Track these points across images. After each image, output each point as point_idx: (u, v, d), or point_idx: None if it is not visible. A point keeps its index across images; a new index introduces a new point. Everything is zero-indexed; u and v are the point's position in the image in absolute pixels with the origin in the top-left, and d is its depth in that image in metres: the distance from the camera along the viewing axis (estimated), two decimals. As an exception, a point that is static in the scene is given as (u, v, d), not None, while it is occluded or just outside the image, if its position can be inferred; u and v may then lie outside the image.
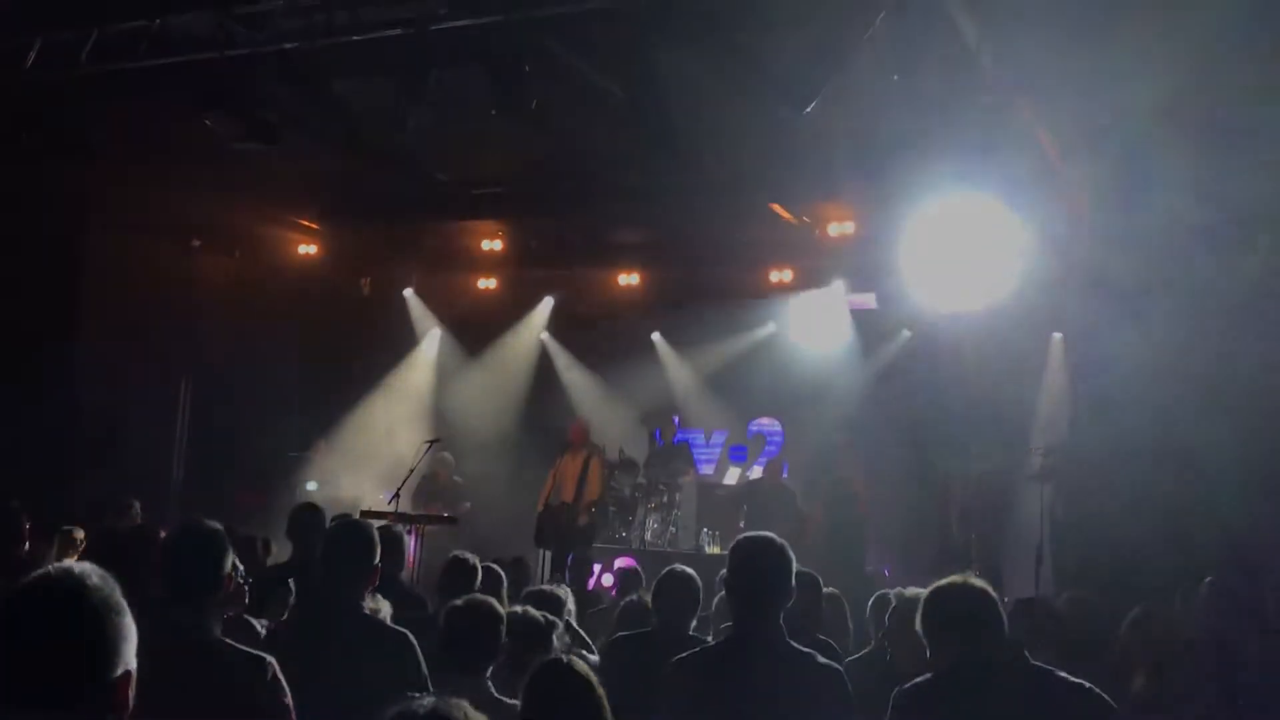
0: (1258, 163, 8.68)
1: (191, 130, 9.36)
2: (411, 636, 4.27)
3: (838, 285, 15.36)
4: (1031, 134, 10.65)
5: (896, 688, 3.76)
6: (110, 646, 2.11)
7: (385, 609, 4.87)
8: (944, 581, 3.83)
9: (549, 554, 12.90)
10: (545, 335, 17.31)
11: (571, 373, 17.07)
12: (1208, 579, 5.98)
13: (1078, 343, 9.87)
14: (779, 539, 4.06)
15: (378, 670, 4.12)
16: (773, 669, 3.82)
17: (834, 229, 13.84)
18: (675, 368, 16.72)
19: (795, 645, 3.89)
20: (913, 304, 15.02)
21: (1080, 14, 8.43)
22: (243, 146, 9.35)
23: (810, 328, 15.90)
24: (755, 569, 3.92)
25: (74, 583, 2.12)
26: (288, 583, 6.11)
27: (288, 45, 8.70)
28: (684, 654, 4.09)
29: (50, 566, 2.17)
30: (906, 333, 15.41)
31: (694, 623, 5.77)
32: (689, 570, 5.68)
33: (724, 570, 4.16)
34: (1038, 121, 10.37)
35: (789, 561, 3.94)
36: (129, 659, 2.14)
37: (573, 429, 13.08)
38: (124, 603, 2.14)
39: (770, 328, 16.16)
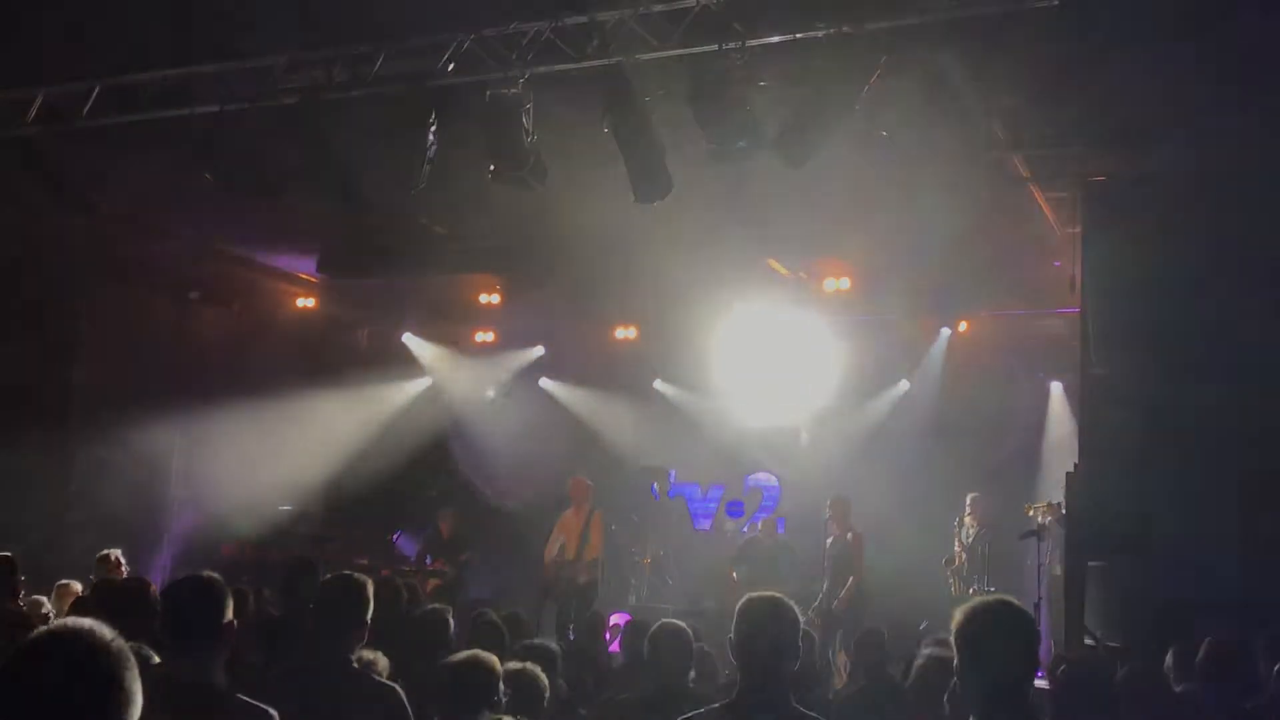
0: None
1: (191, 183, 9.42)
2: (400, 690, 4.26)
3: (834, 338, 15.44)
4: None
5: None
6: (127, 699, 2.10)
7: (383, 663, 4.85)
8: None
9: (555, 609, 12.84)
10: (544, 383, 17.31)
11: (568, 424, 17.04)
12: (1207, 638, 5.94)
13: (1081, 393, 9.87)
14: (786, 599, 4.00)
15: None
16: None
17: (829, 284, 13.92)
18: (672, 420, 16.71)
19: (799, 708, 3.86)
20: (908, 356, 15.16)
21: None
22: (242, 200, 9.40)
23: (806, 380, 15.94)
24: (763, 630, 3.86)
25: (91, 638, 2.12)
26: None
27: (288, 100, 8.78)
28: (690, 714, 4.05)
29: (63, 621, 2.16)
30: (905, 384, 15.44)
31: (692, 675, 5.72)
32: (681, 624, 5.63)
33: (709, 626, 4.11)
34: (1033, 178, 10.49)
35: (797, 622, 3.89)
36: (137, 713, 2.14)
37: (573, 486, 13.00)
38: (132, 657, 2.14)
39: (767, 381, 16.17)
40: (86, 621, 2.16)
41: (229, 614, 3.77)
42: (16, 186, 10.02)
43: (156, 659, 3.81)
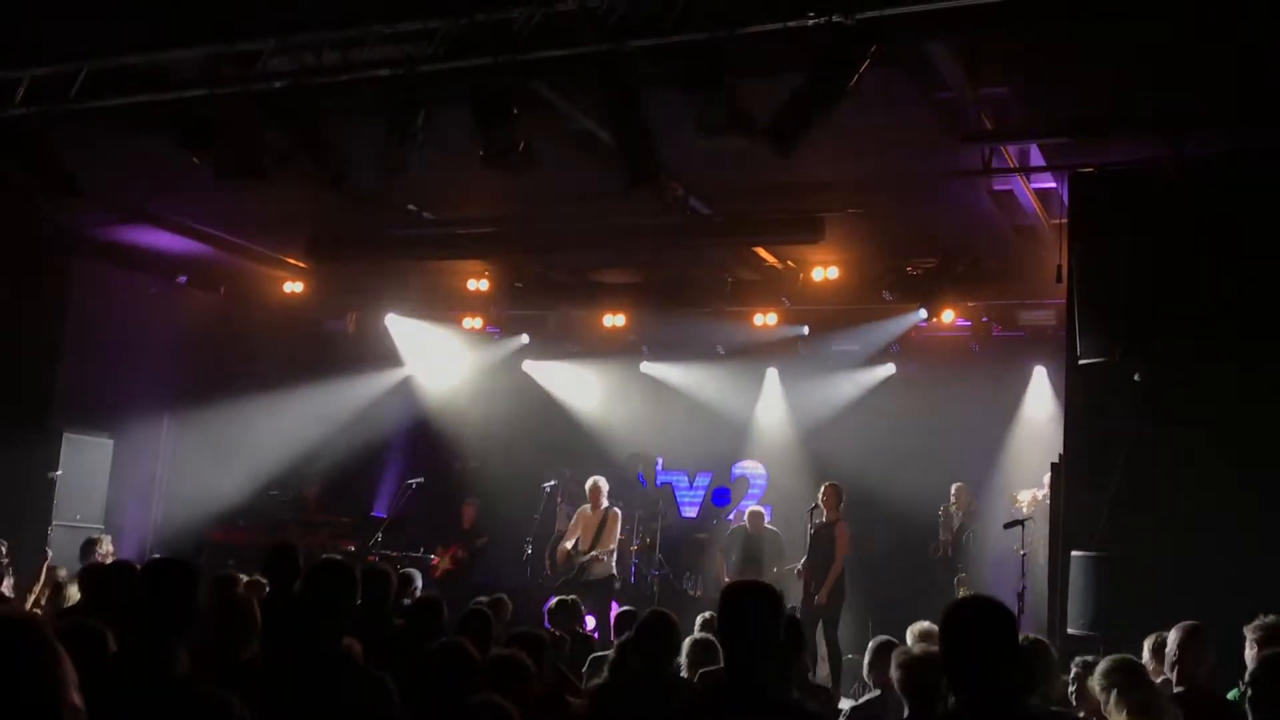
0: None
1: (179, 167, 9.38)
2: (388, 679, 4.25)
3: (820, 327, 15.46)
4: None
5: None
6: (51, 680, 2.15)
7: (357, 649, 4.84)
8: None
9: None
10: (528, 367, 17.29)
11: (556, 412, 17.03)
12: (1184, 623, 5.97)
13: (1067, 383, 9.87)
14: (771, 585, 4.04)
15: (351, 712, 4.10)
16: (763, 717, 3.79)
17: (817, 273, 13.92)
18: (659, 408, 16.72)
19: (784, 693, 3.88)
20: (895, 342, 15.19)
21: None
22: (230, 184, 9.36)
23: (791, 369, 15.97)
24: (746, 616, 3.88)
25: (14, 624, 2.19)
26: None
27: (277, 84, 8.74)
28: (678, 700, 4.07)
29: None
30: (892, 367, 15.48)
31: (676, 664, 5.75)
32: (669, 613, 5.67)
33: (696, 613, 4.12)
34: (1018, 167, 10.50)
35: (780, 608, 3.91)
36: (67, 691, 2.18)
37: (592, 487, 13.28)
38: (53, 640, 2.21)
39: (753, 369, 16.20)
40: (14, 609, 2.23)
41: (197, 600, 3.75)
42: (2, 168, 9.97)
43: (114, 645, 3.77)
